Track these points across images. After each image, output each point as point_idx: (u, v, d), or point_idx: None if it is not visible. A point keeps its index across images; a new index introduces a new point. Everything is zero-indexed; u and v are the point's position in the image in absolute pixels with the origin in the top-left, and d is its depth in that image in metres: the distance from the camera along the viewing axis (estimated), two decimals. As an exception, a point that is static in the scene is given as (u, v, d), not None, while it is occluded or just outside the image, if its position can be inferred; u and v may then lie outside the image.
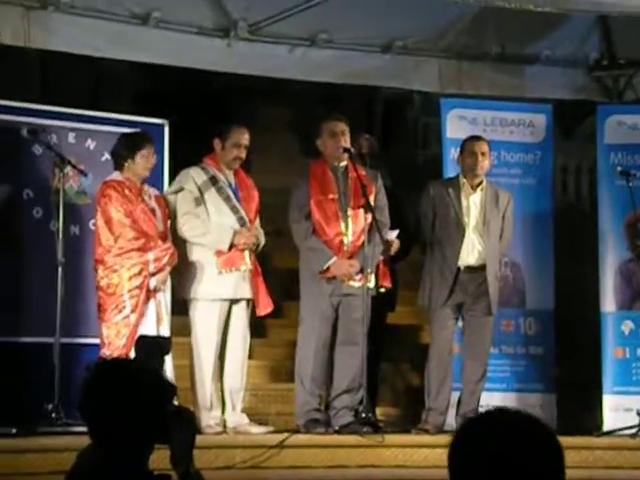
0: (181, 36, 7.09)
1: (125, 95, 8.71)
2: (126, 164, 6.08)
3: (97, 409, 2.60)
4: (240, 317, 6.31)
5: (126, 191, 6.04)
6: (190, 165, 6.47)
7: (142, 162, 6.08)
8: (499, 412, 1.98)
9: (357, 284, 6.30)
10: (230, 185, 6.39)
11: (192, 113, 8.45)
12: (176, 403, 3.03)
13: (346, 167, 6.45)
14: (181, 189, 6.32)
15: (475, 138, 6.76)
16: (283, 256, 7.36)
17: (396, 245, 6.55)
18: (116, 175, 6.12)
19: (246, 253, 6.27)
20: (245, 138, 6.37)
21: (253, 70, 7.47)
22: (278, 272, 7.43)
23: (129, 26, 6.90)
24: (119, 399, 2.57)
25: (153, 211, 6.15)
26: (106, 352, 5.85)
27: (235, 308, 6.30)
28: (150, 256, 5.99)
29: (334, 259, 6.28)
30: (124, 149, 6.10)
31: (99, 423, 2.60)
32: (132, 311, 5.92)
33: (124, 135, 6.19)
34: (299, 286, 6.49)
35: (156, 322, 6.00)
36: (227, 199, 6.34)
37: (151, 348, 5.83)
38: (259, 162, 7.65)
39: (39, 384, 5.98)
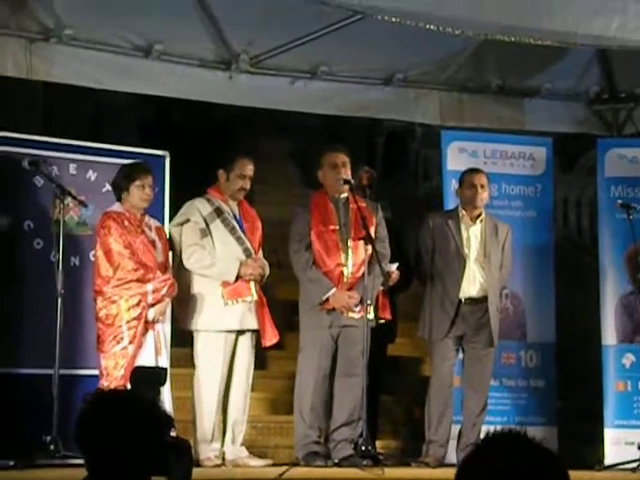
0: (183, 68, 7.12)
1: (127, 127, 8.74)
2: (123, 195, 6.10)
3: (93, 440, 2.58)
4: (246, 348, 6.30)
5: (125, 222, 6.05)
6: (191, 196, 6.48)
7: (137, 193, 6.08)
8: (507, 439, 1.95)
9: (357, 315, 6.29)
10: (235, 216, 6.40)
11: (193, 145, 8.48)
12: (174, 434, 3.01)
13: (347, 198, 6.46)
14: (187, 220, 6.33)
15: (474, 170, 6.78)
16: (283, 287, 7.36)
17: (395, 276, 6.54)
18: (117, 206, 6.13)
19: (252, 284, 6.27)
20: (249, 169, 6.39)
21: (254, 102, 7.50)
22: (278, 304, 7.42)
23: (131, 58, 6.92)
24: (115, 430, 2.55)
25: (153, 242, 6.15)
26: (104, 383, 5.83)
27: (241, 339, 6.29)
28: (149, 287, 5.98)
29: (333, 290, 6.28)
30: (120, 180, 6.12)
31: (95, 454, 2.59)
32: (130, 342, 5.90)
33: (122, 166, 6.20)
34: (299, 317, 6.48)
35: (155, 353, 5.98)
36: (232, 230, 6.35)
37: (147, 379, 5.81)
38: (260, 193, 7.67)
39: (37, 416, 5.95)
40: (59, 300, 5.89)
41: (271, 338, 6.35)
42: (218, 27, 7.01)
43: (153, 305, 5.99)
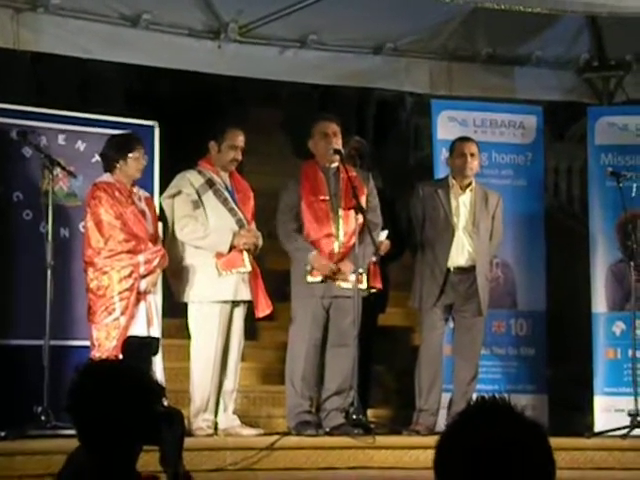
0: (171, 38, 7.08)
1: (115, 97, 8.69)
2: (118, 165, 6.06)
3: (84, 410, 2.58)
4: (239, 319, 6.31)
5: (116, 193, 6.03)
6: (180, 167, 6.46)
7: (134, 164, 6.06)
8: (488, 409, 1.96)
9: (349, 285, 6.29)
10: (226, 187, 6.39)
11: (182, 115, 8.44)
12: (166, 404, 3.01)
13: (337, 168, 6.44)
14: (178, 192, 6.31)
15: (464, 139, 6.77)
16: (275, 258, 7.35)
17: (386, 245, 6.55)
18: (106, 177, 6.10)
19: (245, 254, 6.26)
20: (240, 140, 6.37)
21: (244, 72, 7.47)
22: (270, 274, 7.41)
23: (119, 28, 6.88)
24: (105, 400, 2.56)
25: (143, 213, 6.13)
26: (96, 354, 5.83)
27: (236, 310, 6.30)
28: (141, 258, 5.97)
29: (314, 253, 6.25)
30: (115, 151, 6.07)
31: (86, 424, 2.59)
32: (122, 313, 5.90)
33: (114, 137, 6.16)
34: (290, 288, 6.49)
35: (146, 324, 5.98)
36: (224, 201, 6.33)
37: (138, 349, 5.82)
38: (251, 164, 7.64)
39: (28, 387, 5.96)
40: (49, 271, 5.89)
41: (264, 309, 6.36)
42: (207, -4, 6.97)
43: (145, 276, 5.99)
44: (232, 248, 6.23)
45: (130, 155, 6.03)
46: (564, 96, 8.30)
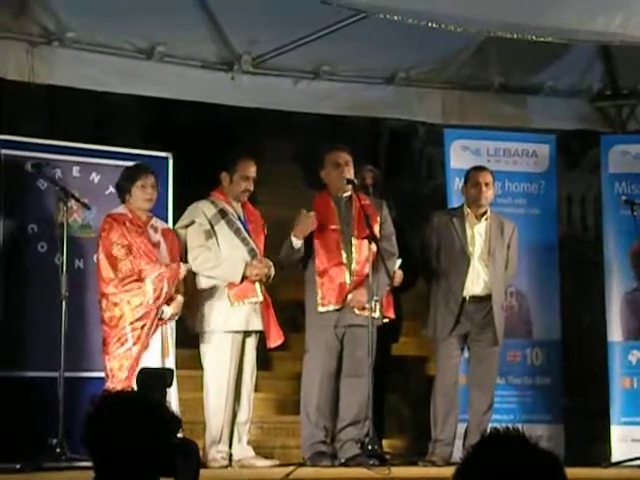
0: (185, 70, 7.12)
1: (130, 129, 8.74)
2: (127, 197, 6.10)
3: (100, 442, 2.58)
4: (251, 349, 6.31)
5: (127, 223, 6.04)
6: (195, 198, 6.48)
7: (139, 193, 6.08)
8: (503, 441, 1.95)
9: (363, 313, 6.28)
10: (239, 217, 6.41)
11: (196, 146, 8.47)
12: (181, 436, 3.01)
13: (349, 197, 6.46)
14: (191, 223, 6.33)
15: (479, 168, 6.77)
16: (288, 288, 7.35)
17: (399, 276, 6.54)
18: (121, 208, 6.13)
19: (257, 285, 6.27)
20: (252, 170, 6.40)
21: (257, 103, 7.50)
22: (283, 304, 7.42)
23: (133, 60, 6.92)
24: (121, 432, 2.55)
25: (156, 244, 6.14)
26: (110, 385, 5.83)
27: (248, 340, 6.30)
28: (147, 281, 5.95)
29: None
30: (122, 181, 6.13)
31: (102, 456, 2.59)
32: (134, 343, 5.90)
33: (125, 169, 6.21)
34: (304, 318, 6.48)
35: (161, 354, 5.98)
36: (237, 231, 6.35)
37: (152, 380, 5.79)
38: (264, 194, 7.66)
39: (43, 418, 5.96)
40: (63, 303, 5.89)
41: (276, 339, 6.35)
42: (220, 28, 7.00)
43: (168, 303, 5.98)
44: (244, 278, 6.24)
45: (134, 185, 6.05)
46: (577, 125, 8.30)
